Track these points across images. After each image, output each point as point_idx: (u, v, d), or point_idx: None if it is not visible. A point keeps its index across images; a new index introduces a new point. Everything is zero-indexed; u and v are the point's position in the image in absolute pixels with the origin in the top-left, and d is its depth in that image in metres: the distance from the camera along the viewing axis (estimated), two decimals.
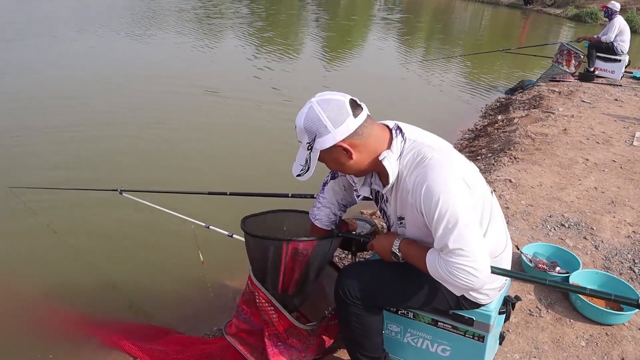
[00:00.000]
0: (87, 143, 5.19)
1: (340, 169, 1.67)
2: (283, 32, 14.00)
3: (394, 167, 1.60)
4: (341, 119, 1.54)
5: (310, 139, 1.56)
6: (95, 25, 11.65)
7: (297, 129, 1.60)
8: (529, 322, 2.44)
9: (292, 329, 1.99)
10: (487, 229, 1.67)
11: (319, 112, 1.54)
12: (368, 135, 1.59)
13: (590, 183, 4.06)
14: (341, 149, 1.57)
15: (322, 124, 1.54)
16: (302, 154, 1.63)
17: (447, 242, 1.50)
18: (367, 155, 1.61)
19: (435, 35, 17.74)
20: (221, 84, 7.77)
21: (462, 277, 1.51)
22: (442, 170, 1.53)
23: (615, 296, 1.64)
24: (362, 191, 1.81)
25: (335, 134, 1.54)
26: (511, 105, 7.30)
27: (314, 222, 2.03)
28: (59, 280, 3.27)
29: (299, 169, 1.65)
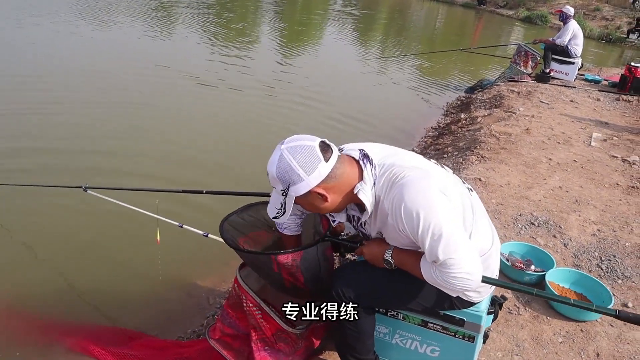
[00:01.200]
0: (48, 134, 4.93)
1: (317, 210, 1.65)
2: (248, 30, 13.79)
3: (369, 197, 1.60)
4: (313, 166, 1.51)
5: (284, 187, 1.54)
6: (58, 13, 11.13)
7: (269, 176, 1.56)
8: (508, 320, 2.48)
9: (281, 332, 1.94)
10: (472, 230, 1.68)
11: (290, 160, 1.50)
12: (340, 176, 1.57)
13: (555, 182, 4.18)
14: (316, 194, 1.55)
15: (295, 172, 1.50)
16: (277, 199, 1.60)
17: (437, 255, 1.51)
18: (341, 194, 1.60)
19: (392, 32, 17.93)
20: (191, 72, 7.57)
21: (459, 283, 1.54)
22: (417, 186, 1.54)
23: (596, 306, 1.70)
24: (339, 217, 1.80)
25: (309, 181, 1.52)
26: (472, 104, 7.45)
27: (283, 232, 1.96)
28: (19, 283, 3.09)
29: (275, 212, 1.63)
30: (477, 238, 1.70)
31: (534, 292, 1.73)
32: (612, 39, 19.75)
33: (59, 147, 4.77)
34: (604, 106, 7.32)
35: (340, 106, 6.98)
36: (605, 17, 22.09)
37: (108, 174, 4.31)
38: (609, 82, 9.00)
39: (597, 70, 10.95)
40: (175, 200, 3.55)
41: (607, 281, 2.88)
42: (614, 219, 3.66)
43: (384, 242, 1.75)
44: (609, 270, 2.99)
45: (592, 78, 9.22)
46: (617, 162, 4.92)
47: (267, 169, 1.56)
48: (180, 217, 2.83)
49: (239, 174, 4.62)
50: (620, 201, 3.99)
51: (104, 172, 4.33)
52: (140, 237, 3.44)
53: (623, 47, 19.09)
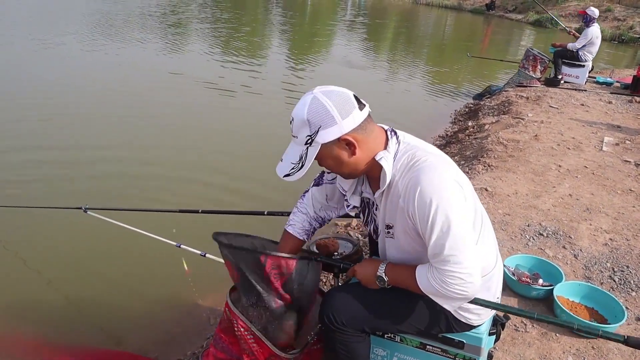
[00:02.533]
0: (49, 159, 4.93)
1: (338, 168, 1.56)
2: (261, 43, 13.85)
3: (390, 167, 1.51)
4: (348, 110, 1.45)
5: (313, 131, 1.45)
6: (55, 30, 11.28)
7: (295, 121, 1.48)
8: (515, 338, 2.38)
9: (274, 357, 1.87)
10: (478, 238, 1.59)
11: (325, 101, 1.43)
12: (370, 131, 1.51)
13: (564, 190, 4.07)
14: (344, 143, 1.48)
15: (328, 114, 1.43)
16: (295, 150, 1.51)
17: (442, 248, 1.42)
18: (367, 154, 1.52)
19: (402, 39, 17.89)
20: (191, 96, 7.58)
21: (455, 286, 1.45)
22: (436, 173, 1.45)
23: (602, 332, 1.55)
24: (353, 200, 1.72)
25: (342, 126, 1.44)
26: (480, 111, 7.35)
27: (287, 227, 1.91)
28: (20, 305, 3.07)
29: (289, 167, 1.52)
30: (482, 253, 1.61)
31: (534, 315, 1.63)
32: (624, 39, 19.51)
33: (62, 165, 4.77)
34: (616, 109, 7.17)
35: None
36: (617, 18, 21.83)
37: (115, 194, 4.31)
38: (621, 84, 8.84)
39: (609, 72, 10.77)
40: (171, 220, 3.51)
41: (620, 294, 2.76)
42: (627, 227, 3.53)
43: (377, 261, 1.69)
44: (622, 282, 2.87)
45: (603, 80, 9.06)
46: (630, 166, 4.78)
47: (293, 114, 1.48)
48: (178, 238, 2.79)
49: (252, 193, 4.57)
50: (634, 208, 3.86)
51: (110, 192, 4.33)
52: (139, 258, 3.42)
53: (636, 47, 18.83)
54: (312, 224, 1.93)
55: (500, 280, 1.78)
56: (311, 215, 1.92)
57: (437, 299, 1.54)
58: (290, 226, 1.91)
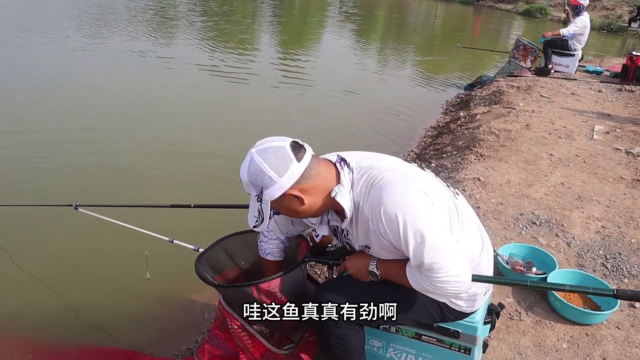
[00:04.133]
0: (38, 156, 4.88)
1: (296, 215, 1.59)
2: (250, 34, 13.76)
3: (347, 201, 1.52)
4: (284, 167, 1.44)
5: (258, 192, 1.47)
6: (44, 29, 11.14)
7: (242, 182, 1.50)
8: (509, 327, 2.39)
9: (269, 353, 1.87)
10: (459, 235, 1.60)
11: (260, 163, 1.44)
12: (316, 176, 1.50)
13: (556, 179, 4.08)
14: (292, 197, 1.48)
15: (266, 175, 1.44)
16: (253, 206, 1.53)
17: (422, 259, 1.44)
18: (319, 196, 1.53)
19: (392, 30, 17.85)
20: (180, 90, 7.52)
21: (447, 288, 1.47)
22: (396, 187, 1.46)
23: (593, 288, 1.62)
24: (321, 230, 1.72)
25: (281, 183, 1.45)
26: (472, 101, 7.35)
27: (265, 257, 1.92)
28: (11, 304, 3.03)
29: (254, 221, 1.55)
30: (464, 243, 1.62)
31: (527, 283, 1.69)
32: (613, 28, 19.61)
33: (52, 162, 4.72)
34: (606, 97, 7.20)
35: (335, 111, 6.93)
36: (605, 7, 21.93)
37: (108, 190, 4.28)
38: (610, 73, 8.87)
39: (599, 61, 10.81)
40: (164, 216, 3.49)
41: (612, 280, 2.78)
42: (619, 214, 3.55)
43: (367, 254, 1.68)
44: (615, 268, 2.89)
45: (593, 69, 9.09)
46: (621, 154, 4.80)
47: (240, 175, 1.50)
48: (171, 232, 2.77)
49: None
50: (625, 195, 3.88)
51: (100, 188, 4.29)
52: (132, 254, 3.37)
53: (625, 36, 18.93)
54: (285, 242, 1.94)
55: (490, 263, 1.77)
56: (283, 239, 1.93)
57: (432, 295, 1.57)
58: (268, 254, 1.92)
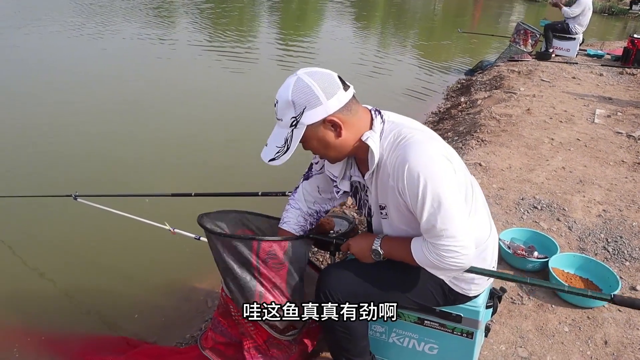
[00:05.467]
0: (36, 145, 4.86)
1: (323, 150, 1.54)
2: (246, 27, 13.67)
3: (377, 146, 1.50)
4: (332, 91, 1.43)
5: (298, 112, 1.43)
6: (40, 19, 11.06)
7: (279, 103, 1.46)
8: (511, 311, 2.39)
9: (272, 339, 1.87)
10: (471, 211, 1.59)
11: (310, 82, 1.42)
12: (355, 112, 1.50)
13: (557, 163, 4.07)
14: (330, 125, 1.46)
15: (313, 94, 1.41)
16: (279, 134, 1.49)
17: (435, 224, 1.42)
18: (353, 135, 1.51)
19: (391, 15, 17.72)
20: (178, 78, 7.49)
21: (451, 259, 1.45)
22: (423, 148, 1.44)
23: (590, 292, 1.57)
24: (343, 186, 1.71)
25: (326, 106, 1.43)
26: (472, 87, 7.31)
27: (281, 225, 1.89)
28: (13, 295, 3.04)
29: (274, 151, 1.50)
30: (474, 225, 1.61)
31: (527, 280, 1.66)
32: (614, 11, 19.44)
33: (50, 154, 4.71)
34: (607, 81, 7.16)
35: None
36: None
37: (105, 180, 4.26)
38: (611, 56, 8.83)
39: (600, 44, 10.76)
40: (165, 204, 3.48)
41: (614, 264, 2.78)
42: (620, 197, 3.55)
43: (371, 235, 1.68)
44: (616, 252, 2.89)
45: (594, 53, 9.04)
46: (622, 138, 4.79)
47: (277, 96, 1.46)
48: (172, 221, 2.76)
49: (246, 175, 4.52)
50: (626, 179, 3.87)
51: (99, 178, 4.28)
52: (133, 243, 3.39)
53: (626, 19, 18.79)
54: (306, 219, 1.90)
55: (495, 251, 1.78)
56: (305, 211, 1.89)
57: (433, 271, 1.55)
58: (285, 224, 1.88)
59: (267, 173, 4.32)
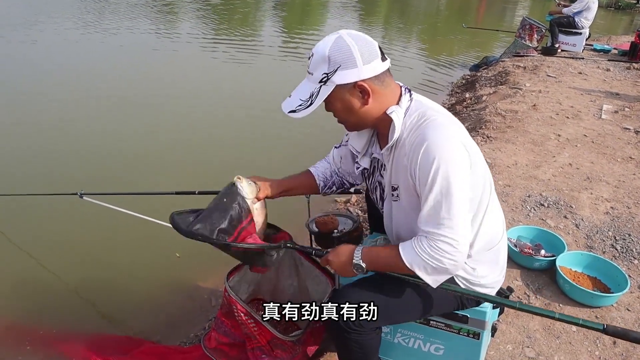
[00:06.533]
0: (40, 142, 4.86)
1: (344, 114, 1.51)
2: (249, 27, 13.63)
3: (400, 122, 1.47)
4: (370, 57, 1.42)
5: (331, 70, 1.41)
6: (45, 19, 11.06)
7: (314, 57, 1.44)
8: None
9: (276, 340, 1.85)
10: (487, 207, 1.56)
11: (350, 43, 1.40)
12: (387, 85, 1.48)
13: (564, 159, 4.03)
14: (358, 90, 1.44)
15: (351, 55, 1.40)
16: (306, 87, 1.47)
17: (439, 210, 1.37)
18: (378, 107, 1.48)
19: (395, 10, 17.64)
20: (182, 76, 7.47)
21: (447, 253, 1.37)
22: (444, 132, 1.41)
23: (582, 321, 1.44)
24: (363, 162, 1.70)
25: (361, 71, 1.41)
26: (477, 82, 7.26)
27: (309, 168, 1.95)
28: (18, 292, 3.03)
29: (296, 104, 1.47)
30: (490, 221, 1.58)
31: (516, 305, 1.53)
32: (621, 5, 19.28)
33: (56, 152, 4.71)
34: (614, 76, 7.09)
35: None
36: None
37: (112, 178, 4.26)
38: (618, 51, 8.74)
39: (606, 39, 10.66)
40: (170, 203, 3.46)
41: (622, 262, 2.75)
42: (628, 194, 3.51)
43: (350, 247, 1.59)
44: (624, 250, 2.85)
45: (601, 48, 8.96)
46: (630, 134, 4.74)
47: (314, 50, 1.45)
48: None
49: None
50: (635, 175, 3.83)
51: (105, 177, 4.28)
52: (137, 242, 3.38)
53: (633, 13, 18.64)
54: (332, 176, 1.92)
55: (506, 249, 1.76)
56: (333, 169, 1.92)
57: (421, 273, 1.43)
58: (312, 167, 1.94)
59: (272, 171, 4.29)
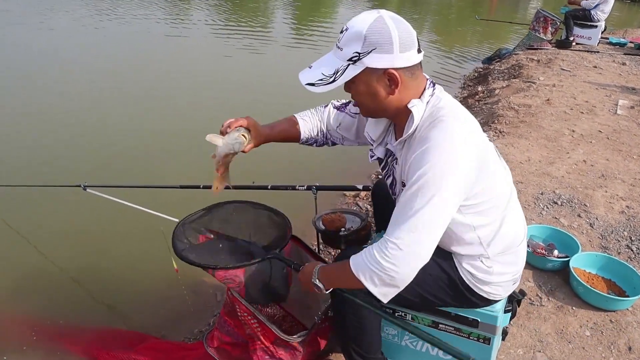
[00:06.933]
0: (45, 133, 4.83)
1: (366, 99, 1.42)
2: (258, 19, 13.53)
3: (419, 116, 1.39)
4: (408, 47, 1.33)
5: (364, 50, 1.31)
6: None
7: (348, 32, 1.33)
8: (530, 313, 2.30)
9: (280, 341, 1.80)
10: (504, 218, 1.50)
11: (392, 27, 1.31)
12: (415, 78, 1.39)
13: (578, 156, 3.94)
14: (387, 78, 1.35)
15: (389, 39, 1.30)
16: (332, 62, 1.37)
17: (413, 204, 1.26)
18: (402, 99, 1.40)
19: (407, 4, 17.44)
20: (192, 66, 7.41)
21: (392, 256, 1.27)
22: (452, 135, 1.30)
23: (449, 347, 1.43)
24: (378, 151, 1.62)
25: (395, 58, 1.32)
26: (490, 75, 7.14)
27: (296, 115, 1.82)
28: (22, 285, 3.01)
29: (318, 77, 1.37)
30: (510, 224, 1.53)
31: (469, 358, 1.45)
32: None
33: (58, 144, 4.68)
34: (631, 70, 6.94)
35: None
36: None
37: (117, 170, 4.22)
38: (635, 45, 8.56)
39: (622, 32, 10.45)
40: (174, 196, 3.42)
41: (638, 264, 2.66)
42: None
43: (313, 265, 1.55)
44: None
45: (616, 41, 8.77)
46: None
47: (349, 24, 1.34)
48: (180, 213, 2.70)
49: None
50: None
51: (110, 169, 4.24)
52: (141, 235, 3.34)
53: None
54: (318, 134, 1.83)
55: (525, 251, 1.70)
56: (321, 127, 1.82)
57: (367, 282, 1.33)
58: (300, 119, 1.81)
59: (278, 166, 4.24)
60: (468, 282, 1.59)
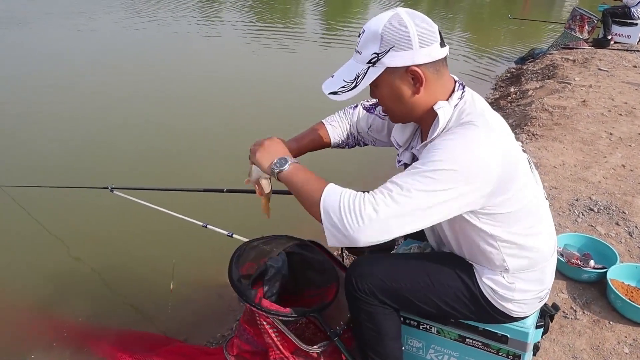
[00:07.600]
0: (76, 137, 4.90)
1: (391, 102, 1.36)
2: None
3: (446, 120, 1.31)
4: (428, 40, 1.26)
5: (382, 50, 1.26)
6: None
7: (365, 34, 1.29)
8: (563, 327, 2.19)
9: (300, 351, 1.75)
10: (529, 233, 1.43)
11: (408, 22, 1.25)
12: (441, 76, 1.32)
13: (616, 160, 3.78)
14: (410, 77, 1.29)
15: (407, 35, 1.24)
16: (352, 68, 1.33)
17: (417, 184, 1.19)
18: (429, 98, 1.33)
19: (440, 2, 17.22)
20: (217, 69, 7.45)
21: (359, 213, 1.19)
22: (473, 142, 1.23)
23: None
24: (404, 157, 1.56)
25: (415, 54, 1.25)
26: (523, 76, 6.98)
27: (324, 121, 1.77)
28: (50, 285, 3.05)
29: (339, 85, 1.33)
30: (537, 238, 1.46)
31: None
32: None
33: (85, 146, 4.74)
34: None
35: None
36: None
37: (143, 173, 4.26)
38: None
39: None
40: (197, 199, 3.42)
41: None
42: None
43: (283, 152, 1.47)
44: None
45: None
46: None
47: (366, 26, 1.31)
48: (205, 216, 2.69)
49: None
50: None
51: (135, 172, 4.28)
52: (167, 237, 3.35)
53: None
54: (349, 138, 1.79)
55: (554, 266, 1.61)
56: (352, 131, 1.78)
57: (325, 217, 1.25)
58: (329, 125, 1.76)
59: (313, 167, 4.19)
60: (489, 297, 1.52)
